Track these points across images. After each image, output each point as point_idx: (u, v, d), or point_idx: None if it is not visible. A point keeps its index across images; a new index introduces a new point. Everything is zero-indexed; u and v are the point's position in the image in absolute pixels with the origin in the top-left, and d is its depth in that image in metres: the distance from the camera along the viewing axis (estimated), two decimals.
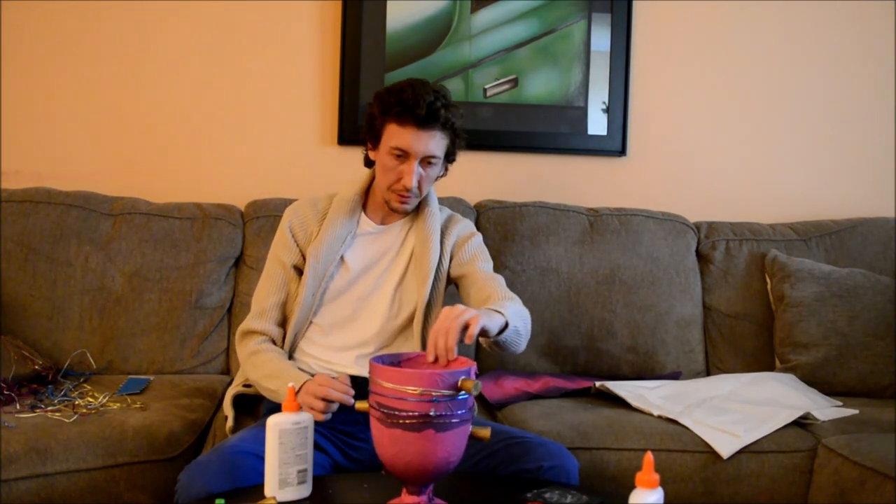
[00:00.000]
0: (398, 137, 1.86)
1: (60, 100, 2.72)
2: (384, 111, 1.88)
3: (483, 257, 2.04)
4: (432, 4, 2.78)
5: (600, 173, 2.90)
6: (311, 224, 1.98)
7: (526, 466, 1.71)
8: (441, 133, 1.89)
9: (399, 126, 1.86)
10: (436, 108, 1.85)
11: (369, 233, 1.99)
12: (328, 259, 1.94)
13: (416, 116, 1.84)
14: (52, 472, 1.81)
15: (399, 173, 1.89)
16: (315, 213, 1.99)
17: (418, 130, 1.85)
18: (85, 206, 2.49)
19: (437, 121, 1.86)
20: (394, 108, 1.85)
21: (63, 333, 2.38)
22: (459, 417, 1.41)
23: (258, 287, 2.01)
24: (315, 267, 1.93)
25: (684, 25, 2.91)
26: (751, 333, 2.63)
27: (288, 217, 2.01)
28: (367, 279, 1.97)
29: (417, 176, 1.89)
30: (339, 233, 1.95)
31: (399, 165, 1.89)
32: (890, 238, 2.73)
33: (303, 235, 1.97)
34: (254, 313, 1.97)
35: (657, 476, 1.29)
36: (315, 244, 1.95)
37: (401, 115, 1.85)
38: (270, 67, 2.78)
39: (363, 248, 1.98)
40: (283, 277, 1.97)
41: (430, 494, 1.46)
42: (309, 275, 1.93)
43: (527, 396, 2.29)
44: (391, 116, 1.87)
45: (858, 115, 2.97)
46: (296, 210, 2.02)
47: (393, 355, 1.59)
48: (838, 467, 1.97)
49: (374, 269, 1.97)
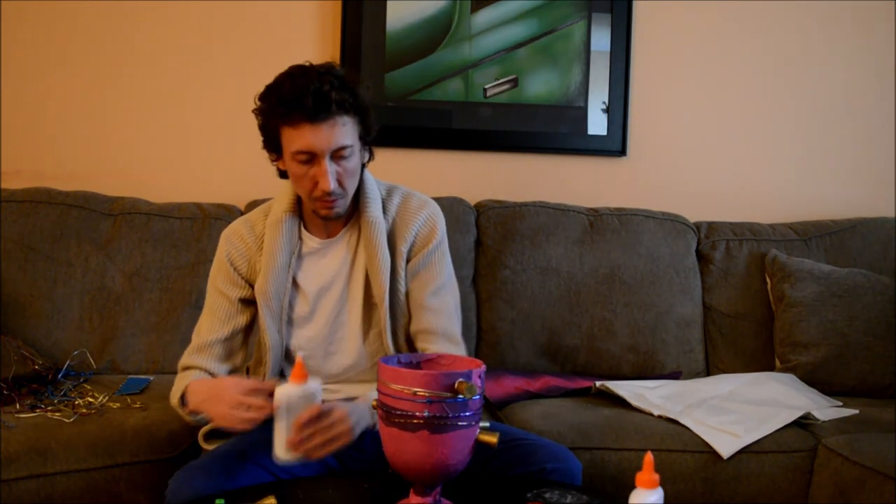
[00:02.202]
0: (297, 139, 1.63)
1: (60, 100, 2.72)
2: (270, 115, 1.66)
3: (432, 275, 1.80)
4: (432, 4, 2.78)
5: (600, 173, 2.90)
6: (252, 251, 1.80)
7: (529, 469, 1.68)
8: (342, 118, 1.64)
9: (292, 127, 1.63)
10: (324, 94, 1.61)
11: (315, 249, 1.80)
12: (278, 292, 1.77)
13: (306, 110, 1.60)
14: (52, 472, 1.81)
15: (313, 178, 1.66)
16: (253, 238, 1.80)
17: (315, 125, 1.62)
18: (85, 206, 2.49)
19: (329, 108, 1.61)
20: (278, 109, 1.63)
21: (63, 333, 2.38)
22: (457, 420, 1.38)
23: (200, 319, 1.84)
24: (268, 306, 1.76)
25: (684, 25, 2.91)
26: (751, 333, 2.63)
27: (225, 247, 1.82)
28: (327, 302, 1.80)
29: (334, 175, 1.66)
30: (280, 261, 1.76)
31: (310, 170, 1.66)
32: (890, 238, 2.73)
33: (244, 265, 1.80)
34: (194, 347, 1.80)
35: (657, 476, 1.29)
36: (260, 282, 1.76)
37: (288, 114, 1.62)
38: (271, 67, 2.74)
39: (313, 267, 1.80)
40: (227, 311, 1.79)
41: (436, 496, 1.45)
42: (265, 315, 1.77)
43: (527, 396, 2.29)
44: (279, 118, 1.64)
45: (858, 115, 2.97)
46: (232, 237, 1.82)
47: (413, 355, 1.57)
48: (838, 467, 1.97)
49: (332, 290, 1.80)
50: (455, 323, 1.83)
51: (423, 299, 1.80)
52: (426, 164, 2.82)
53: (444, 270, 1.84)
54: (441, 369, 1.53)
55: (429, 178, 2.77)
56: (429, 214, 1.83)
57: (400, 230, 1.80)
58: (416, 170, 2.80)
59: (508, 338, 2.53)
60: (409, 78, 2.79)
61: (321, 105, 1.61)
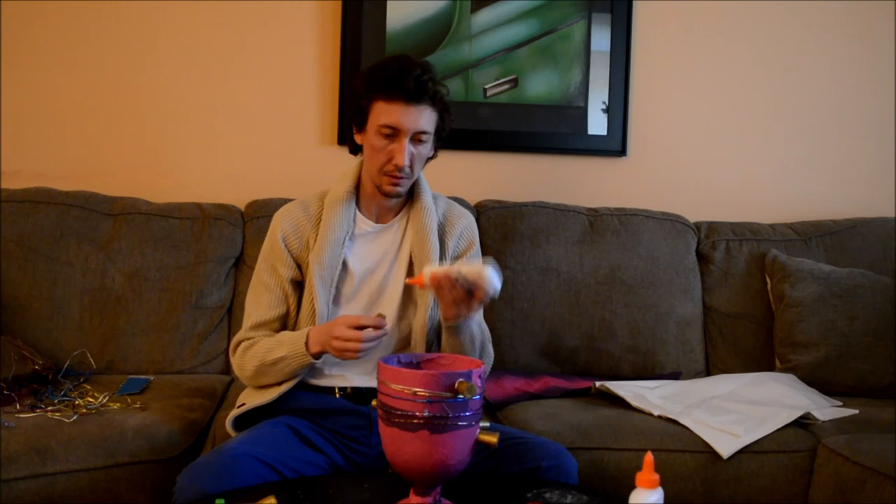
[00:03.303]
0: (387, 114, 1.78)
1: (60, 100, 2.71)
2: (371, 89, 1.80)
3: None
4: (432, 4, 2.78)
5: (600, 173, 2.90)
6: (306, 230, 1.88)
7: (525, 466, 1.70)
8: (430, 108, 1.81)
9: (387, 102, 1.78)
10: (423, 81, 1.78)
11: (368, 232, 1.91)
12: (332, 265, 1.85)
13: (405, 90, 1.76)
14: (52, 472, 1.81)
15: (390, 153, 1.80)
16: (308, 218, 1.89)
17: (408, 105, 1.77)
18: (85, 206, 2.49)
19: (425, 94, 1.78)
20: (381, 82, 1.78)
21: (63, 333, 2.38)
22: (457, 420, 1.39)
23: (253, 297, 1.91)
24: (321, 275, 1.84)
25: (684, 25, 2.91)
26: (751, 333, 2.63)
27: (279, 224, 1.90)
28: (370, 283, 1.89)
29: (409, 154, 1.81)
30: (337, 235, 1.86)
31: (389, 145, 1.80)
32: (890, 238, 2.73)
33: (297, 244, 1.88)
34: (251, 325, 1.87)
35: (657, 476, 1.29)
36: (316, 252, 1.85)
37: (388, 89, 1.77)
38: (270, 67, 2.78)
39: (363, 249, 1.90)
40: (282, 291, 1.88)
41: (436, 496, 1.45)
42: (317, 285, 1.84)
43: (527, 396, 2.29)
44: (378, 93, 1.79)
45: (858, 115, 2.97)
46: (287, 215, 1.91)
47: (413, 355, 1.58)
48: (838, 467, 1.97)
49: (377, 272, 1.90)
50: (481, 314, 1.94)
51: None
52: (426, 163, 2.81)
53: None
54: (441, 369, 1.54)
55: (429, 178, 2.72)
56: (469, 223, 2.00)
57: (447, 228, 1.95)
58: None
59: (508, 338, 2.53)
60: None
61: (419, 89, 1.78)
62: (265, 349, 1.81)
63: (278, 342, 1.81)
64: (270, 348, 1.81)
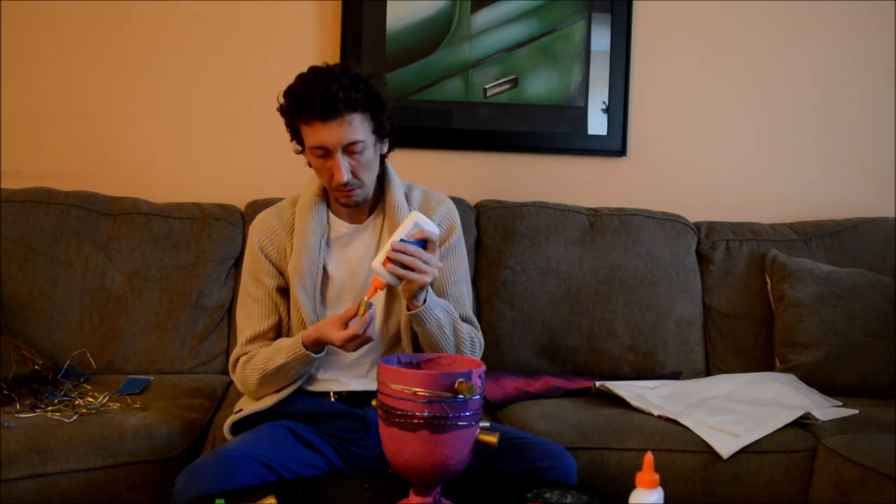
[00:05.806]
0: (311, 136, 1.76)
1: (60, 100, 2.72)
2: (288, 113, 1.78)
3: (454, 266, 1.92)
4: (432, 4, 2.78)
5: (600, 173, 2.90)
6: (282, 237, 1.88)
7: (525, 466, 1.70)
8: (352, 115, 1.74)
9: (306, 125, 1.76)
10: (332, 94, 1.71)
11: (344, 234, 1.89)
12: (312, 272, 1.84)
13: (315, 109, 1.72)
14: (52, 472, 1.81)
15: (329, 170, 1.78)
16: (282, 225, 1.89)
17: (325, 123, 1.73)
18: (85, 206, 2.49)
19: (338, 107, 1.72)
20: (293, 107, 1.76)
21: (63, 333, 2.38)
22: (457, 420, 1.38)
23: (244, 312, 1.90)
24: (302, 286, 1.83)
25: (684, 25, 2.91)
26: (751, 333, 2.63)
27: (256, 236, 1.90)
28: (353, 285, 1.87)
29: (348, 167, 1.76)
30: (311, 241, 1.84)
31: (326, 163, 1.78)
32: (890, 238, 2.73)
33: (275, 253, 1.88)
34: (247, 339, 1.87)
35: (657, 476, 1.29)
36: (293, 263, 1.84)
37: (301, 113, 1.75)
38: (270, 67, 2.78)
39: (341, 253, 1.89)
40: (271, 301, 1.88)
41: (436, 496, 1.45)
42: (300, 295, 1.83)
43: (527, 396, 2.29)
44: (294, 117, 1.77)
45: (858, 115, 2.97)
46: (261, 225, 1.90)
47: (413, 355, 1.58)
48: (838, 467, 1.97)
49: (359, 274, 1.88)
50: (469, 307, 1.94)
51: (445, 288, 1.89)
52: (426, 163, 2.82)
53: (463, 262, 1.95)
54: (441, 369, 1.54)
55: (429, 178, 2.73)
56: (448, 209, 1.95)
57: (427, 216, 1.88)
58: (417, 170, 2.78)
59: (508, 338, 2.53)
60: (409, 78, 2.79)
61: (329, 104, 1.72)
62: (264, 359, 1.81)
63: (276, 350, 1.81)
64: (269, 357, 1.81)
